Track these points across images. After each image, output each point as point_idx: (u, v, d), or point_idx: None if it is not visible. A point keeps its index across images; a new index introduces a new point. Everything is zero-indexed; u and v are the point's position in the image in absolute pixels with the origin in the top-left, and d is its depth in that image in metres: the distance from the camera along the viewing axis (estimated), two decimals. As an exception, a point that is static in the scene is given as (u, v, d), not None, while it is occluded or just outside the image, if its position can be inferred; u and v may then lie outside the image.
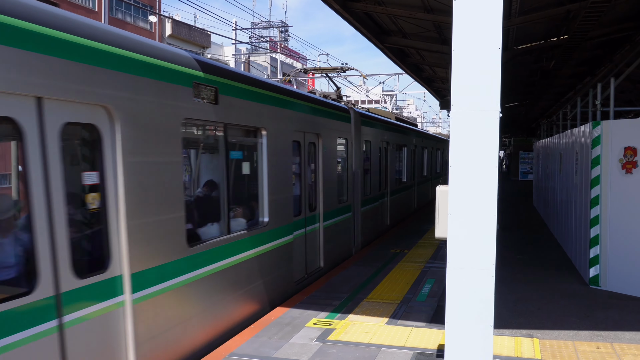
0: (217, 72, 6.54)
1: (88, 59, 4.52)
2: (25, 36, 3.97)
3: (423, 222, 17.40)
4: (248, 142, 7.70)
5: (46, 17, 4.22)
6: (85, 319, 4.49)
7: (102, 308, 4.68)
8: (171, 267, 5.54)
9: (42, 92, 4.09)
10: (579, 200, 10.24)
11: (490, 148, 4.76)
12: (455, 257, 4.88)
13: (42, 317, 4.08)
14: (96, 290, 4.62)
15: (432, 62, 17.53)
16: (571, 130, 11.60)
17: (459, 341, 4.92)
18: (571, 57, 14.09)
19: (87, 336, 4.52)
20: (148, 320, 5.21)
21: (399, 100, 51.53)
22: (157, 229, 5.32)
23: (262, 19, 52.42)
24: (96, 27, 4.82)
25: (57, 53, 4.21)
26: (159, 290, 5.35)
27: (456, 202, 4.85)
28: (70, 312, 4.34)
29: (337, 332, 6.87)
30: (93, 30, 4.70)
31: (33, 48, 4.01)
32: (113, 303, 4.80)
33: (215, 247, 6.40)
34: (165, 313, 5.47)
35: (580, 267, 10.03)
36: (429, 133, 26.49)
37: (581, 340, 6.66)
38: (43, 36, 4.12)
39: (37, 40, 4.06)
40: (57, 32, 4.24)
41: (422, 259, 11.38)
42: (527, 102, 26.43)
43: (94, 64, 4.58)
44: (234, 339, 6.57)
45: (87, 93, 4.49)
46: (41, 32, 4.11)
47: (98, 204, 4.75)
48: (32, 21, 4.05)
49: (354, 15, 11.91)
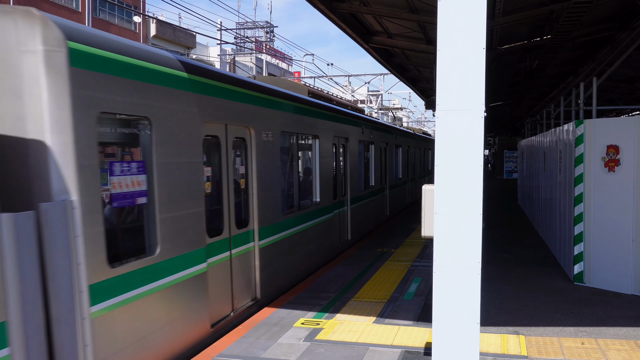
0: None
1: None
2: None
3: (410, 221, 17.47)
4: (309, 146, 10.83)
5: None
6: (241, 253, 7.53)
7: (247, 247, 7.73)
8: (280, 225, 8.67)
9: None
10: (563, 198, 10.35)
11: (476, 147, 4.80)
12: (441, 255, 4.92)
13: (225, 248, 7.09)
14: (244, 237, 7.64)
15: (417, 62, 17.61)
16: (555, 129, 11.72)
17: (446, 339, 4.96)
18: (554, 57, 14.23)
19: (243, 261, 7.60)
20: (269, 256, 8.29)
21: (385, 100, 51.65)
22: (273, 202, 8.46)
23: (247, 20, 52.31)
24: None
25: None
26: (273, 240, 8.45)
27: (442, 201, 4.89)
28: (235, 248, 7.35)
29: (325, 331, 6.89)
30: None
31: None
32: (250, 246, 7.85)
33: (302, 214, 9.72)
34: (280, 251, 8.75)
35: (565, 265, 10.14)
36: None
37: (566, 336, 6.74)
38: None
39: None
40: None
41: (408, 258, 11.43)
42: (512, 102, 26.63)
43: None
44: (222, 339, 6.57)
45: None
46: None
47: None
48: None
49: (340, 16, 11.94)
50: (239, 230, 7.50)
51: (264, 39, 52.01)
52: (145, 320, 5.39)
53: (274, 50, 55.56)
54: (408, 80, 21.56)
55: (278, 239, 8.68)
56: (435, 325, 4.98)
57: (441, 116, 4.86)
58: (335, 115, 12.09)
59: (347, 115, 13.07)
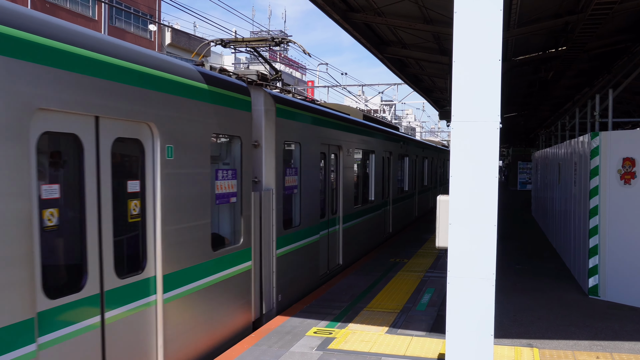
0: None
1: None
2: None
3: (423, 231, 17.42)
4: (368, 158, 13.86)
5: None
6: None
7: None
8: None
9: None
10: (577, 210, 10.28)
11: (491, 158, 4.80)
12: (455, 266, 4.91)
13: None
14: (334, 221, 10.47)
15: (432, 72, 17.61)
16: (570, 141, 11.66)
17: (459, 350, 4.95)
18: (569, 68, 14.19)
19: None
20: (349, 239, 10.92)
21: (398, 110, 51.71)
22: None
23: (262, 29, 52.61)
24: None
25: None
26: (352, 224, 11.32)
27: (457, 212, 4.89)
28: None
29: (337, 341, 6.88)
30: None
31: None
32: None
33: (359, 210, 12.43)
34: (353, 235, 11.60)
35: (579, 277, 10.05)
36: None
37: (581, 350, 6.68)
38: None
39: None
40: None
41: (421, 268, 11.39)
42: (526, 113, 26.53)
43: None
44: (235, 347, 6.58)
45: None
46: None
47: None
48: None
49: (354, 26, 11.99)
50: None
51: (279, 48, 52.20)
52: (296, 263, 8.91)
53: (288, 59, 55.80)
54: (422, 90, 21.56)
55: (355, 223, 12.21)
56: (448, 336, 4.97)
57: (456, 127, 4.87)
58: (384, 134, 15.53)
59: (390, 134, 16.63)
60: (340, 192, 11.25)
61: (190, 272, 5.88)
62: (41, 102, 3.96)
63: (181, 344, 5.72)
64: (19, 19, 3.90)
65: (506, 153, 54.17)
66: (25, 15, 4.02)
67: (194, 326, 5.97)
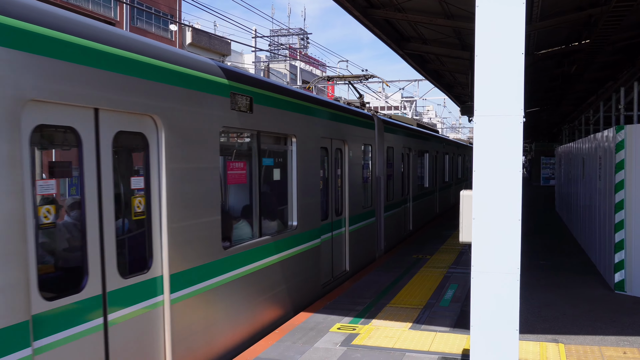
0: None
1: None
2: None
3: (445, 227, 17.35)
4: (423, 157, 18.22)
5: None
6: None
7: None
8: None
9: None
10: (602, 205, 10.16)
11: (514, 152, 4.78)
12: (480, 261, 4.90)
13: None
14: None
15: (453, 68, 17.53)
16: (594, 135, 11.53)
17: (484, 345, 4.93)
18: (593, 61, 14.00)
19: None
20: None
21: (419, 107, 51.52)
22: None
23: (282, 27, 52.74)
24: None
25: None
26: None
27: (480, 206, 4.87)
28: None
29: (361, 336, 6.90)
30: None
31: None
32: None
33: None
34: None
35: (605, 273, 9.95)
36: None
37: (607, 345, 6.61)
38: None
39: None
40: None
41: (444, 264, 11.36)
42: (548, 107, 26.26)
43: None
44: (259, 343, 6.63)
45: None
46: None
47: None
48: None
49: (374, 22, 11.98)
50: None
51: (298, 45, 52.31)
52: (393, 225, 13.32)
53: (307, 57, 55.84)
54: (443, 86, 21.46)
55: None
56: (473, 331, 4.96)
57: (479, 121, 4.86)
58: (434, 137, 20.33)
59: (437, 137, 21.29)
60: (410, 179, 15.89)
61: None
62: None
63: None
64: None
65: (529, 148, 53.68)
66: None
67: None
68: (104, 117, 4.45)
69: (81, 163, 4.28)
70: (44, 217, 3.98)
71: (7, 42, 3.60)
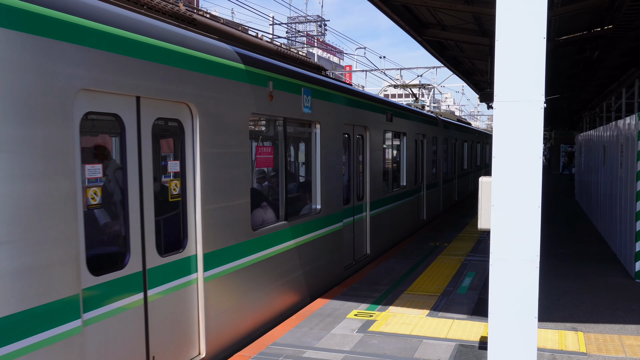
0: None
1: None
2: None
3: (462, 215, 17.26)
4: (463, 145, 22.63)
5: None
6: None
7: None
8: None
9: None
10: (624, 193, 10.03)
11: (535, 138, 4.72)
12: (498, 248, 4.86)
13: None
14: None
15: (472, 54, 17.31)
16: (615, 122, 11.35)
17: (502, 333, 4.91)
18: (616, 47, 13.75)
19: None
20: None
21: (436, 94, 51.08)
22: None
23: (299, 14, 52.54)
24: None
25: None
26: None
27: (500, 193, 4.83)
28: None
29: (378, 323, 6.91)
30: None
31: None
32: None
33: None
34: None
35: (626, 261, 9.83)
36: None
37: (627, 334, 6.55)
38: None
39: None
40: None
41: (462, 252, 11.31)
42: (569, 95, 25.87)
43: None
44: (276, 328, 6.67)
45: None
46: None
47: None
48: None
49: (393, 8, 11.85)
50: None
51: (316, 32, 52.10)
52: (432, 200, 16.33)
53: (325, 44, 55.62)
54: (462, 73, 21.22)
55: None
56: (491, 318, 4.93)
57: (499, 107, 4.80)
58: (471, 128, 25.01)
59: (472, 129, 26.11)
60: (456, 162, 20.55)
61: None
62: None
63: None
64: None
65: (548, 136, 53.09)
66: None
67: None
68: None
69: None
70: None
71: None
